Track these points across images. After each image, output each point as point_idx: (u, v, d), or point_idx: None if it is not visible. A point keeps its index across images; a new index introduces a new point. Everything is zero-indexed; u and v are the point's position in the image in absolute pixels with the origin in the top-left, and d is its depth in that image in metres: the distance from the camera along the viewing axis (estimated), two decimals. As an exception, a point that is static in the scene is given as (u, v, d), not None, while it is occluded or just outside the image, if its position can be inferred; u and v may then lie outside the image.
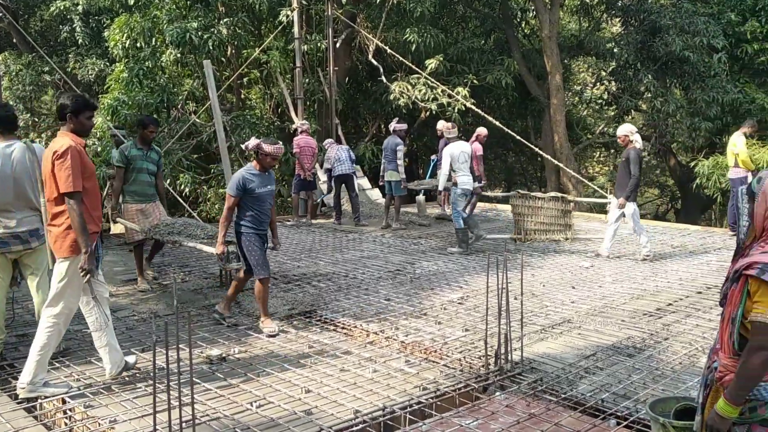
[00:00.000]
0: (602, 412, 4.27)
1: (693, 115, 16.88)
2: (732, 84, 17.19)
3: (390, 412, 4.24)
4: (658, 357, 5.26)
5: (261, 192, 5.79)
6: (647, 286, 7.58)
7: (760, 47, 17.21)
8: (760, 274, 2.21)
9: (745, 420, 2.31)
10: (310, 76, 15.79)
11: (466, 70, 16.49)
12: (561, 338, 5.76)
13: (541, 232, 10.10)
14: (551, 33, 16.85)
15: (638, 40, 17.16)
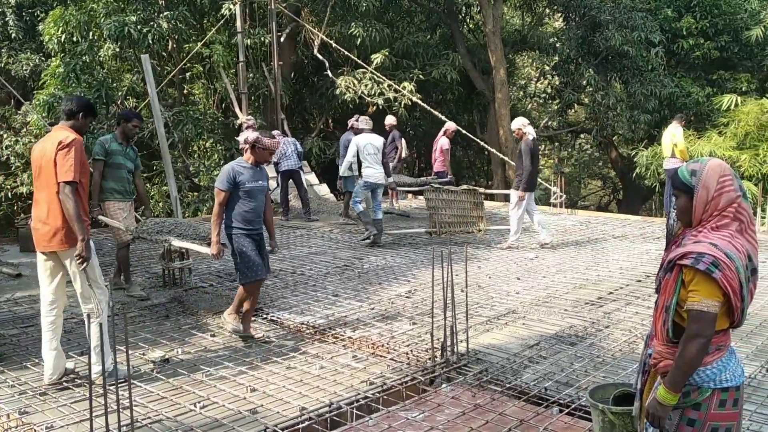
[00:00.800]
0: (545, 400, 4.34)
1: (632, 108, 17.34)
2: (669, 78, 17.73)
3: (336, 408, 4.22)
4: (599, 345, 5.38)
5: (251, 187, 5.41)
6: (589, 276, 7.75)
7: (695, 42, 17.79)
8: (694, 263, 2.26)
9: (680, 405, 2.37)
10: (254, 71, 15.58)
11: (412, 64, 16.54)
12: (506, 329, 5.84)
13: (455, 224, 10.26)
14: (495, 28, 17.04)
15: (579, 35, 17.52)
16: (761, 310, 6.28)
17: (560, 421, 4.07)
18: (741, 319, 2.34)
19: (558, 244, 9.75)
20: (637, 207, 21.11)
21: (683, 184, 2.41)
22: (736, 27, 17.93)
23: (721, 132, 14.14)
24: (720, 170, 2.36)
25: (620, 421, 3.36)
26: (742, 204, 2.33)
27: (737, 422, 2.37)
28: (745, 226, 2.34)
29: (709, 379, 2.33)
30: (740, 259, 2.26)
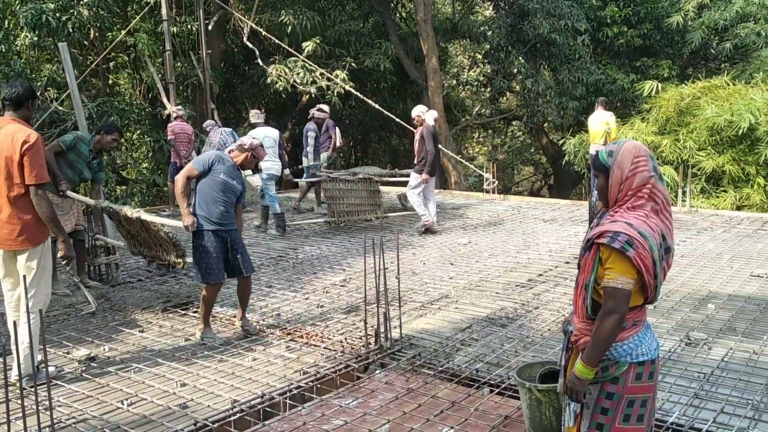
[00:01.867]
0: (476, 381, 4.42)
1: (561, 95, 17.76)
2: (595, 65, 18.24)
3: (269, 399, 4.18)
4: (529, 325, 5.50)
5: (225, 179, 5.18)
6: (520, 259, 7.92)
7: (619, 30, 18.35)
8: (610, 242, 2.33)
9: (598, 379, 2.45)
10: (182, 60, 15.19)
11: (345, 53, 16.47)
12: (439, 313, 5.90)
13: (353, 213, 10.39)
14: (426, 16, 17.12)
15: (508, 23, 17.79)
16: (681, 287, 6.55)
17: (491, 401, 4.15)
18: (655, 296, 2.43)
19: (491, 229, 9.91)
20: (567, 191, 21.70)
21: (601, 165, 2.48)
22: (658, 15, 18.57)
23: (644, 118, 14.62)
24: (635, 151, 2.43)
25: (546, 398, 3.46)
26: (656, 185, 2.41)
27: (653, 394, 2.46)
28: (660, 206, 2.41)
29: (626, 354, 2.40)
30: (654, 239, 2.33)
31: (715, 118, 12.50)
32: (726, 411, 3.87)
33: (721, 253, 8.03)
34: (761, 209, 12.01)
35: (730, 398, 4.03)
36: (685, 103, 13.74)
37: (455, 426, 3.80)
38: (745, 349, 4.83)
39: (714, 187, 12.94)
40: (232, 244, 5.32)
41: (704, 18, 17.40)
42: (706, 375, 4.37)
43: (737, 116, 12.25)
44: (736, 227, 9.80)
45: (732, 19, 17.02)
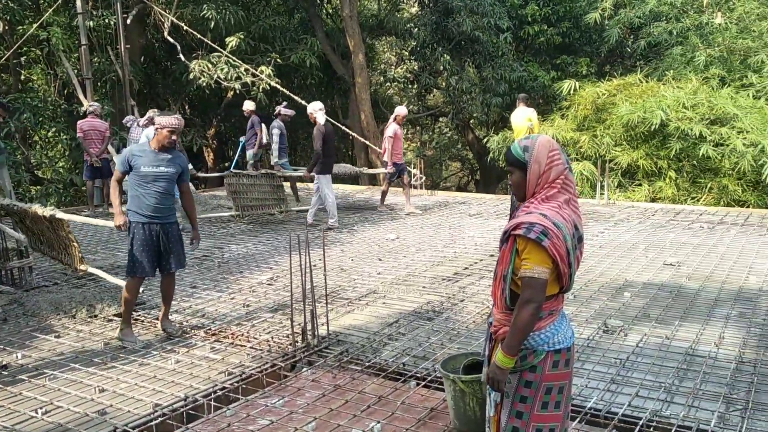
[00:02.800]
0: (403, 375, 4.45)
1: (485, 92, 18.09)
2: (518, 63, 18.67)
3: (192, 401, 4.09)
4: (455, 318, 5.59)
5: (147, 171, 5.04)
6: (447, 253, 8.03)
7: (539, 29, 18.85)
8: (526, 233, 2.38)
9: (518, 368, 2.50)
10: (99, 55, 14.63)
11: (270, 48, 16.26)
12: (367, 309, 5.91)
13: (257, 207, 10.50)
14: (352, 12, 17.10)
15: (433, 20, 17.98)
16: (599, 276, 6.79)
17: (417, 394, 4.19)
18: (569, 285, 2.50)
19: (419, 224, 10.02)
20: (493, 187, 22.13)
21: (517, 160, 2.52)
22: (576, 14, 19.18)
23: (563, 115, 15.08)
24: (549, 145, 2.49)
25: (470, 389, 3.53)
26: (568, 176, 2.48)
27: (569, 381, 2.54)
28: (570, 196, 2.49)
29: (543, 342, 2.47)
30: (567, 228, 2.40)
31: (629, 115, 13.01)
32: (641, 394, 4.03)
33: (636, 243, 8.37)
34: (673, 201, 12.60)
35: (645, 382, 4.20)
36: (601, 101, 14.24)
37: (382, 420, 3.82)
38: (659, 334, 5.05)
39: (629, 180, 13.48)
40: (167, 237, 5.21)
41: (620, 16, 18.07)
42: (622, 361, 4.55)
43: (649, 113, 12.79)
44: (650, 218, 10.24)
45: (646, 17, 17.75)
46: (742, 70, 15.56)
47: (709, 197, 12.53)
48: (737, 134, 12.03)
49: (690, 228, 9.32)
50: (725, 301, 5.88)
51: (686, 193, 12.90)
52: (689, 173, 13.04)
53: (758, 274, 6.76)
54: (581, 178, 13.36)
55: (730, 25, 16.83)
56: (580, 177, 13.35)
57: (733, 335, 5.00)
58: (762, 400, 3.91)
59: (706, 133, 12.31)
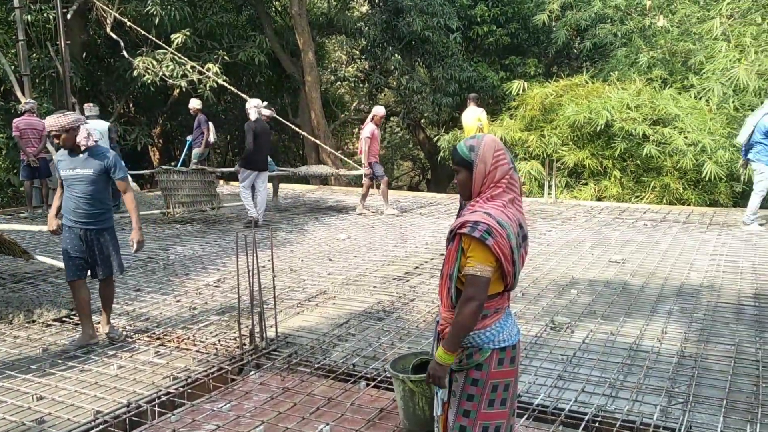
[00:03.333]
0: (353, 376, 4.41)
1: (436, 92, 18.19)
2: (467, 63, 18.83)
3: (135, 408, 3.96)
4: (405, 317, 5.57)
5: (65, 175, 4.89)
6: (398, 253, 8.02)
7: (488, 29, 19.04)
8: (470, 231, 2.38)
9: (464, 367, 2.50)
10: (38, 51, 14.12)
11: (217, 46, 15.98)
12: (317, 310, 5.85)
13: (189, 204, 10.48)
14: (301, 10, 16.95)
15: (383, 19, 17.97)
16: (547, 274, 6.88)
17: (367, 395, 4.15)
18: (514, 283, 2.50)
19: (370, 224, 9.99)
20: (444, 186, 22.27)
21: (462, 160, 2.51)
22: (524, 15, 19.45)
23: (512, 115, 15.27)
24: (494, 145, 2.49)
25: (419, 388, 3.51)
26: (513, 176, 2.49)
27: (514, 378, 2.55)
28: (515, 196, 2.49)
29: (489, 340, 2.46)
30: (511, 227, 2.41)
31: (576, 116, 13.25)
32: (587, 390, 4.09)
33: (583, 241, 8.52)
34: (618, 200, 12.89)
35: (591, 378, 4.26)
36: (549, 101, 14.47)
37: (331, 422, 3.77)
38: (604, 330, 5.14)
39: (576, 180, 13.74)
40: (92, 242, 5.02)
41: (567, 18, 18.41)
42: (569, 357, 4.61)
43: (595, 114, 13.05)
44: (596, 217, 10.45)
45: (591, 19, 18.13)
46: (683, 71, 16.04)
47: (653, 196, 12.86)
48: (679, 134, 12.38)
49: (634, 226, 9.54)
50: (668, 296, 6.03)
51: (630, 192, 13.21)
52: (633, 172, 13.36)
53: (699, 270, 6.96)
54: (530, 178, 13.56)
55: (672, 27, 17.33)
56: (528, 176, 13.54)
57: (675, 330, 5.12)
58: (702, 393, 4.01)
59: (650, 133, 12.63)
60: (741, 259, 7.40)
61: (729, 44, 13.46)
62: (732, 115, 13.07)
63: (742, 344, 4.80)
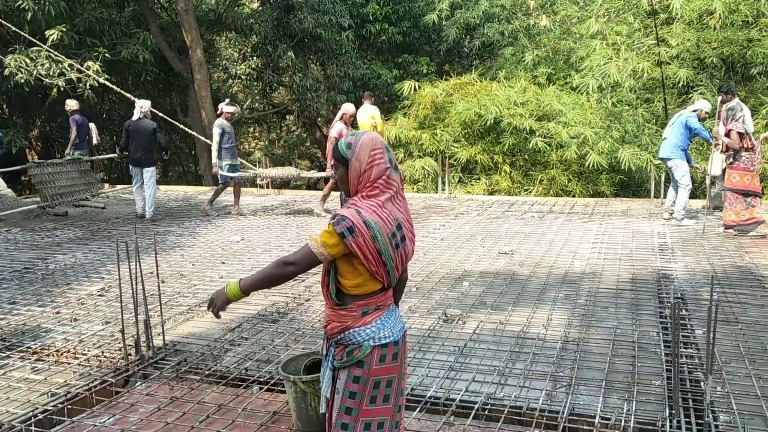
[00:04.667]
0: (246, 380, 4.31)
1: (330, 89, 18.15)
2: (361, 61, 18.91)
3: (9, 429, 3.69)
4: (300, 318, 5.51)
5: None
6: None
7: (381, 27, 19.22)
8: (335, 224, 2.39)
9: (345, 364, 2.48)
10: None
11: (98, 43, 15.20)
12: (208, 315, 5.66)
13: (67, 194, 10.42)
14: (187, 6, 16.42)
15: (275, 16, 17.74)
16: (441, 268, 7.01)
17: (260, 399, 4.06)
18: (390, 281, 2.50)
19: (266, 225, 9.83)
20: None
21: (341, 156, 2.50)
22: (415, 13, 19.77)
23: (405, 113, 15.49)
24: (372, 144, 2.48)
25: (311, 389, 3.47)
26: (391, 175, 2.49)
27: (398, 374, 2.55)
28: (394, 195, 2.50)
29: (369, 337, 2.46)
30: (381, 228, 2.39)
31: (466, 113, 13.61)
32: (477, 379, 4.18)
33: (474, 234, 8.75)
34: (509, 193, 13.36)
35: (481, 367, 4.37)
36: (440, 100, 14.78)
37: (222, 429, 3.66)
38: (494, 320, 5.29)
39: (468, 175, 14.11)
40: None
41: (456, 17, 18.86)
42: (460, 348, 4.70)
43: (484, 110, 13.45)
44: (487, 210, 10.77)
45: (480, 18, 18.67)
46: (565, 69, 16.82)
47: (540, 188, 13.42)
48: (563, 128, 12.97)
49: (522, 218, 9.90)
50: (553, 285, 6.29)
51: (520, 186, 13.73)
52: (522, 167, 13.89)
53: (581, 258, 7.31)
54: (424, 174, 13.80)
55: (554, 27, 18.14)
56: (423, 173, 13.78)
57: (560, 317, 5.35)
58: (584, 375, 4.20)
59: (536, 128, 13.16)
60: (620, 247, 7.84)
61: (603, 42, 14.23)
62: (610, 109, 13.85)
63: (620, 327, 5.08)
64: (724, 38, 13.57)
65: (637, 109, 14.13)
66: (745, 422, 3.54)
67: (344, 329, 2.48)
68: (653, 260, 7.12)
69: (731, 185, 8.20)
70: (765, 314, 5.28)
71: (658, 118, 14.42)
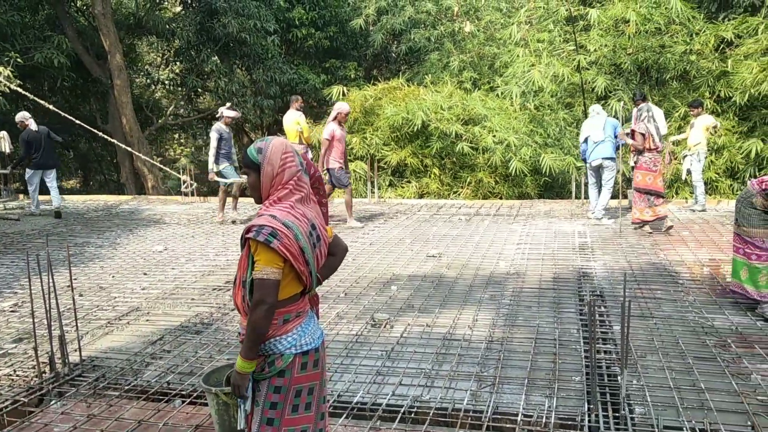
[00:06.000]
0: (167, 394, 4.18)
1: (257, 94, 17.92)
2: (288, 65, 18.76)
3: None
4: (225, 328, 5.40)
5: None
6: (219, 261, 7.77)
7: (307, 32, 19.12)
8: (255, 236, 2.33)
9: (266, 375, 2.44)
10: None
11: (9, 47, 14.52)
12: (128, 328, 5.49)
13: None
14: (105, 10, 15.90)
15: (198, 21, 17.39)
16: (369, 272, 7.01)
17: (182, 413, 3.95)
18: (312, 283, 2.48)
19: (190, 234, 9.60)
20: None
21: (252, 162, 2.47)
22: (342, 19, 19.76)
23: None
24: (282, 148, 2.47)
25: (233, 400, 3.39)
26: (302, 178, 2.48)
27: (319, 381, 2.53)
28: (305, 197, 2.48)
29: (291, 345, 2.42)
30: (300, 227, 2.39)
31: (394, 117, 13.70)
32: (404, 383, 4.20)
33: (403, 238, 8.80)
34: (438, 196, 13.52)
35: (407, 370, 4.38)
36: (369, 104, 14.82)
37: (142, 447, 3.54)
38: (421, 323, 5.32)
39: (399, 179, 14.20)
40: None
41: (383, 22, 18.99)
42: (387, 352, 4.71)
43: (412, 114, 13.58)
44: (417, 213, 10.85)
45: (406, 24, 18.85)
46: (490, 74, 17.18)
47: (468, 191, 13.64)
48: (488, 133, 13.22)
49: (450, 221, 10.03)
50: (479, 286, 6.38)
51: (449, 188, 13.92)
52: (451, 169, 14.08)
53: (506, 259, 7.46)
54: (355, 177, 13.79)
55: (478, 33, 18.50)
56: (354, 177, 13.77)
57: (485, 317, 5.43)
58: (508, 374, 4.28)
59: (462, 132, 13.37)
60: (543, 247, 8.04)
61: (526, 49, 14.62)
62: (533, 113, 14.22)
63: (542, 325, 5.20)
64: (638, 45, 14.16)
65: (558, 113, 14.56)
66: (659, 413, 3.67)
67: (264, 339, 2.43)
68: (574, 259, 7.34)
69: (635, 184, 8.57)
70: (677, 309, 5.51)
71: (578, 122, 14.90)
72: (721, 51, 14.11)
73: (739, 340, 4.77)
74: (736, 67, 13.29)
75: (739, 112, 13.83)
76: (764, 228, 5.13)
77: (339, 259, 2.73)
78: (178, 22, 17.85)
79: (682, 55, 14.00)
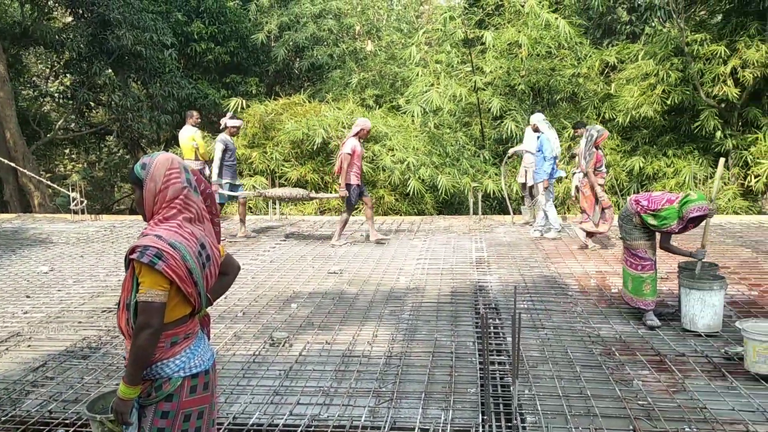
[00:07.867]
0: (49, 424, 3.94)
1: (153, 109, 17.37)
2: (186, 80, 18.31)
3: None
4: (114, 352, 5.15)
5: None
6: (110, 282, 7.43)
7: (207, 47, 18.77)
8: (140, 257, 2.24)
9: (153, 400, 2.34)
10: None
11: None
12: (7, 355, 5.13)
13: None
14: (-12, 17, 14.99)
15: (89, 32, 16.70)
16: (269, 291, 6.91)
17: (65, 444, 3.73)
18: (201, 304, 2.42)
19: (78, 253, 9.13)
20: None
21: (136, 178, 2.40)
22: (243, 34, 19.54)
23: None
24: (167, 163, 2.41)
25: (120, 428, 3.23)
26: (189, 195, 2.41)
27: (209, 404, 2.45)
28: (195, 216, 2.41)
29: (179, 368, 2.34)
30: (188, 248, 2.32)
31: (295, 132, 13.65)
32: (302, 402, 4.14)
33: (305, 255, 8.74)
34: (339, 212, 13.51)
35: (306, 389, 4.34)
36: (269, 119, 14.69)
37: (18, 483, 3.31)
38: (321, 340, 5.29)
39: (300, 195, 14.10)
40: None
41: (285, 38, 18.92)
42: (286, 371, 4.64)
43: (312, 131, 13.57)
44: (318, 230, 10.81)
45: (308, 40, 18.87)
46: (392, 92, 17.48)
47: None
48: (387, 152, 13.40)
49: (352, 237, 10.05)
50: (379, 301, 6.42)
51: (351, 205, 13.95)
52: (352, 186, 14.12)
53: (407, 274, 7.55)
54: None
55: (380, 52, 18.80)
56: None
57: (385, 332, 5.47)
58: (406, 388, 4.32)
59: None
60: (442, 261, 8.20)
61: (425, 69, 14.98)
62: (433, 132, 14.55)
63: (440, 339, 5.29)
64: (530, 67, 14.83)
65: (457, 132, 14.97)
66: (549, 422, 3.81)
67: (151, 363, 2.34)
68: (471, 273, 7.53)
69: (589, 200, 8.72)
70: (566, 319, 5.76)
71: (476, 141, 15.39)
72: (605, 75, 15.03)
73: (623, 347, 5.03)
74: (619, 91, 14.18)
75: (622, 132, 14.75)
76: (645, 240, 5.48)
77: (231, 278, 2.67)
78: (68, 32, 17.04)
79: (570, 78, 14.79)
